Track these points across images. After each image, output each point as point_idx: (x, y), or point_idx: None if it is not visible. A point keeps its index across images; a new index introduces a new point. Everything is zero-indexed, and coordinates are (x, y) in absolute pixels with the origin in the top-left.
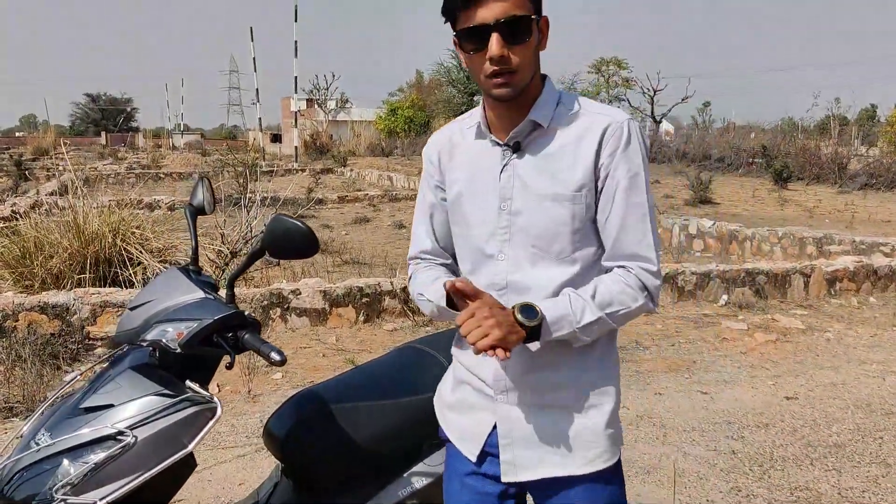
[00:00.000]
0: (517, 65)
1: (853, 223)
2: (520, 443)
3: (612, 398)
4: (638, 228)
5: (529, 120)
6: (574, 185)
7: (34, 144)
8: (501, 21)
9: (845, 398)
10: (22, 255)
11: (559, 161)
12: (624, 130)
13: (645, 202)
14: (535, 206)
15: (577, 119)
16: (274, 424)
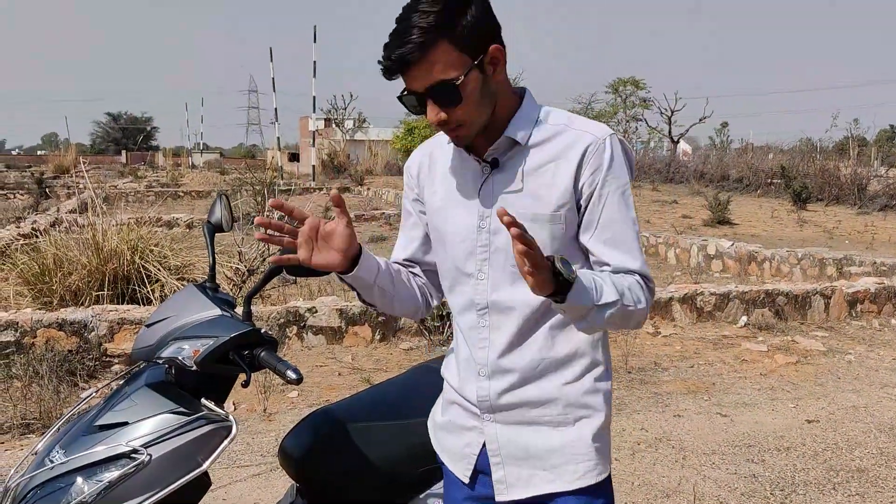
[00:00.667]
0: (459, 120)
1: (873, 244)
2: (509, 461)
3: (600, 412)
4: (631, 244)
5: (506, 137)
6: (553, 206)
7: (55, 163)
8: (429, 89)
9: (867, 422)
10: (41, 271)
11: (538, 179)
12: (606, 147)
13: (635, 218)
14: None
15: (558, 136)
16: (289, 443)
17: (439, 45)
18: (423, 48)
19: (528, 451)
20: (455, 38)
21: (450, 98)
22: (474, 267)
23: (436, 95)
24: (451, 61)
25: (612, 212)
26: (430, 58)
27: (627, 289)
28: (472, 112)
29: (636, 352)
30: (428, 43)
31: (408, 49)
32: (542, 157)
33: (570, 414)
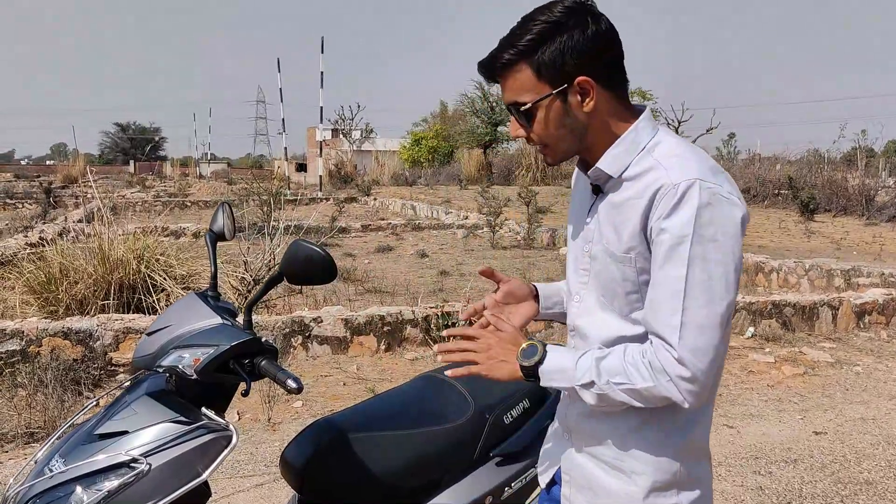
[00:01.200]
0: (540, 139)
1: (882, 255)
2: (574, 483)
3: (658, 469)
4: (667, 305)
5: (597, 167)
6: (625, 246)
7: (64, 172)
8: (511, 106)
9: (876, 434)
10: (47, 280)
11: (620, 216)
12: (677, 193)
13: (683, 277)
14: (603, 257)
15: (649, 173)
16: (290, 453)
17: (519, 68)
18: (504, 67)
19: (589, 482)
20: (535, 64)
21: (525, 117)
22: (575, 289)
23: (513, 113)
24: (526, 85)
25: (657, 264)
26: (508, 77)
27: (627, 366)
28: (549, 137)
29: None
30: (509, 63)
31: (491, 63)
32: (630, 191)
33: (625, 463)
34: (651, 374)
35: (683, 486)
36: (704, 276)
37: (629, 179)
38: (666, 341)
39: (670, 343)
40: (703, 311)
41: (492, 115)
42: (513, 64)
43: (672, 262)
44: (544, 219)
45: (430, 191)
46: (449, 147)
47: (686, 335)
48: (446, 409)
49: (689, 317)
